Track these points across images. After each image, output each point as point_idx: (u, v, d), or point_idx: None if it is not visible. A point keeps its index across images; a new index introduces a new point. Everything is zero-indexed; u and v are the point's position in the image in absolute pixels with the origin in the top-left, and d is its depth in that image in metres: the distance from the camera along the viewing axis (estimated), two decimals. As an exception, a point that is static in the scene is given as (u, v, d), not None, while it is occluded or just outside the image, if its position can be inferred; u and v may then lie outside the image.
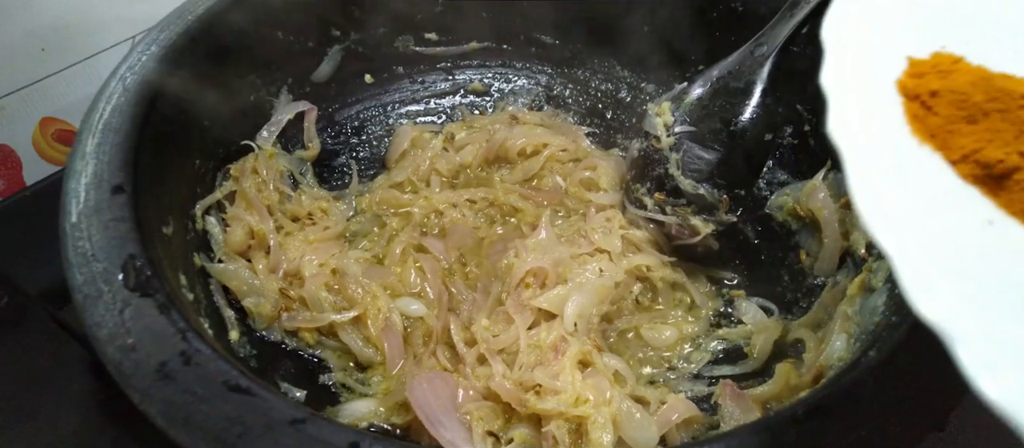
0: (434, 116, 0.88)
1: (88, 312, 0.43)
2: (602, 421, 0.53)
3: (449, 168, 0.79)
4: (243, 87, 0.72)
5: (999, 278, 0.28)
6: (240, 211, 0.66)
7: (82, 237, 0.46)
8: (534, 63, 0.89)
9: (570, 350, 0.57)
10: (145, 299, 0.44)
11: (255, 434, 0.39)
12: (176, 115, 0.59)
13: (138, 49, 0.58)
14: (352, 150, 0.83)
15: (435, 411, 0.54)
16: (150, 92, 0.56)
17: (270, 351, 0.62)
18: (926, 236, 0.28)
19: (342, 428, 0.40)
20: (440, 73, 0.88)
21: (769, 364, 0.61)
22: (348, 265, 0.66)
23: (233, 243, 0.64)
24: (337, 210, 0.73)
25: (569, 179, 0.77)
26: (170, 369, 0.41)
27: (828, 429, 0.40)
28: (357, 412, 0.58)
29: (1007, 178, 0.30)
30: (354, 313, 0.62)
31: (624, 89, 0.87)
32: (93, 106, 0.53)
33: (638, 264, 0.67)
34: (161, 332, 0.43)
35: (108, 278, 0.44)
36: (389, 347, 0.62)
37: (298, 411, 0.40)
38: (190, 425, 0.39)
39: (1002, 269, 0.28)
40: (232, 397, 0.40)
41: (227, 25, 0.66)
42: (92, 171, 0.49)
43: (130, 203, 0.48)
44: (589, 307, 0.62)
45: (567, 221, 0.73)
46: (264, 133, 0.74)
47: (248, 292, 0.62)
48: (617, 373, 0.59)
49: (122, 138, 0.51)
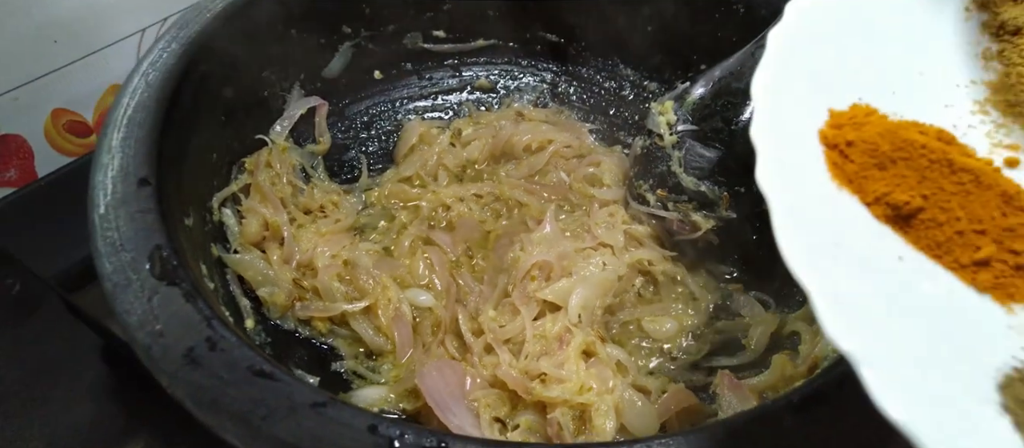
0: (441, 112, 0.89)
1: (118, 299, 0.44)
2: (605, 409, 0.55)
3: (456, 163, 0.81)
4: (257, 83, 0.73)
5: (907, 308, 0.30)
6: (255, 203, 0.67)
7: (110, 228, 0.48)
8: (539, 61, 0.90)
9: (574, 340, 0.59)
10: (172, 288, 0.46)
11: (279, 416, 0.40)
12: (196, 110, 0.61)
13: (159, 46, 0.60)
14: (362, 145, 0.85)
15: (444, 398, 0.56)
16: (171, 88, 0.57)
17: (284, 339, 0.64)
18: (842, 271, 0.31)
19: (361, 412, 0.41)
20: (447, 70, 0.89)
21: (766, 355, 0.62)
22: (359, 257, 0.68)
23: (248, 234, 0.66)
24: (347, 203, 0.75)
25: (573, 175, 0.79)
26: (197, 354, 0.43)
27: (821, 416, 0.42)
28: (368, 398, 0.60)
29: (913, 218, 0.34)
30: (365, 303, 0.64)
31: (627, 87, 0.89)
32: (117, 101, 0.55)
33: (640, 258, 0.69)
34: (187, 319, 0.44)
35: (136, 267, 0.46)
36: (399, 336, 0.64)
37: (319, 395, 0.42)
38: (217, 407, 0.41)
39: (910, 299, 0.31)
40: (256, 381, 0.42)
41: (244, 23, 0.67)
42: (118, 164, 0.51)
43: (155, 195, 0.50)
44: (592, 299, 0.64)
45: (571, 216, 0.75)
46: (277, 128, 0.75)
47: (263, 282, 0.64)
48: (619, 363, 0.60)
49: (146, 132, 0.53)
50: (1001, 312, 0.31)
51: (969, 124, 0.39)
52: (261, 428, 0.40)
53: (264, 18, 0.70)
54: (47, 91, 0.84)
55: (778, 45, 0.39)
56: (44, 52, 0.82)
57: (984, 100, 0.41)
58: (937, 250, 0.33)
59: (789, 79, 0.37)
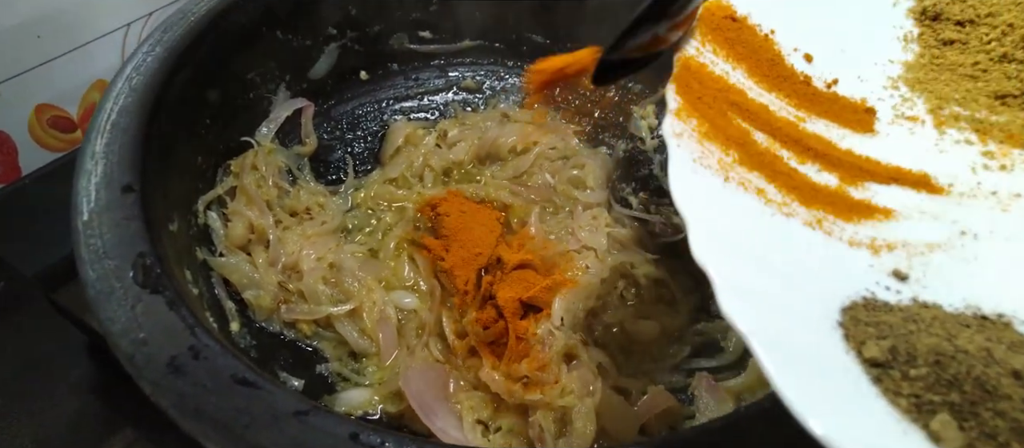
0: (427, 112, 0.90)
1: (101, 307, 0.45)
2: (585, 412, 0.56)
3: (442, 164, 0.81)
4: (243, 85, 0.73)
5: (779, 246, 0.35)
6: (241, 206, 0.68)
7: (94, 235, 0.48)
8: (525, 61, 0.91)
9: (556, 344, 0.60)
10: (155, 296, 0.46)
11: (261, 424, 0.41)
12: (180, 114, 0.61)
13: (143, 49, 0.60)
14: (348, 145, 0.85)
15: (428, 401, 0.57)
16: (155, 93, 0.57)
17: (269, 341, 0.64)
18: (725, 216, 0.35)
19: (343, 420, 0.42)
20: (433, 70, 0.90)
21: (744, 357, 0.63)
22: (344, 259, 0.68)
23: (234, 237, 0.66)
24: (333, 205, 0.75)
25: (558, 176, 0.79)
26: (180, 362, 0.43)
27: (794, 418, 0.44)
28: (353, 400, 0.61)
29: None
30: (350, 306, 0.65)
31: (612, 89, 0.89)
32: (101, 106, 0.55)
33: (623, 261, 0.70)
34: (171, 327, 0.45)
35: (120, 275, 0.46)
36: (383, 339, 0.64)
37: (301, 403, 0.42)
38: (200, 415, 0.41)
39: (787, 242, 0.35)
40: (239, 390, 0.42)
41: (228, 26, 0.67)
42: (102, 171, 0.51)
43: (139, 202, 0.50)
44: (575, 302, 0.64)
45: (555, 218, 0.75)
46: (263, 129, 0.76)
47: (248, 285, 0.64)
48: (600, 365, 0.61)
49: (130, 138, 0.53)
50: (866, 254, 0.35)
51: (879, 97, 0.44)
52: (244, 436, 0.40)
53: (249, 20, 0.70)
54: (31, 86, 0.83)
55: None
56: (28, 47, 0.81)
57: (897, 77, 0.45)
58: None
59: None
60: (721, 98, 0.41)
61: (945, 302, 0.33)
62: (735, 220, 0.35)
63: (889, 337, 0.30)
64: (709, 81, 0.42)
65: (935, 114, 0.43)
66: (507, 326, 0.62)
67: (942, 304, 0.33)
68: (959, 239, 0.36)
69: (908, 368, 0.28)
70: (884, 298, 0.33)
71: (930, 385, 0.28)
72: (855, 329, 0.31)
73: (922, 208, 0.38)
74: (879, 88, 0.45)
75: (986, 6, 0.45)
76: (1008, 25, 0.44)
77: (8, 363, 0.73)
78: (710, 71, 0.42)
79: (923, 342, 0.29)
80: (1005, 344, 0.30)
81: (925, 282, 0.34)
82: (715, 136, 0.38)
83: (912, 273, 0.34)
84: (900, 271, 0.34)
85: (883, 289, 0.33)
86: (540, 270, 0.67)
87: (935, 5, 0.47)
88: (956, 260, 0.35)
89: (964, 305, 0.33)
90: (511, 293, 0.64)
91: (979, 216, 0.37)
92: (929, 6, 0.47)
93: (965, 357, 0.29)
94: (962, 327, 0.31)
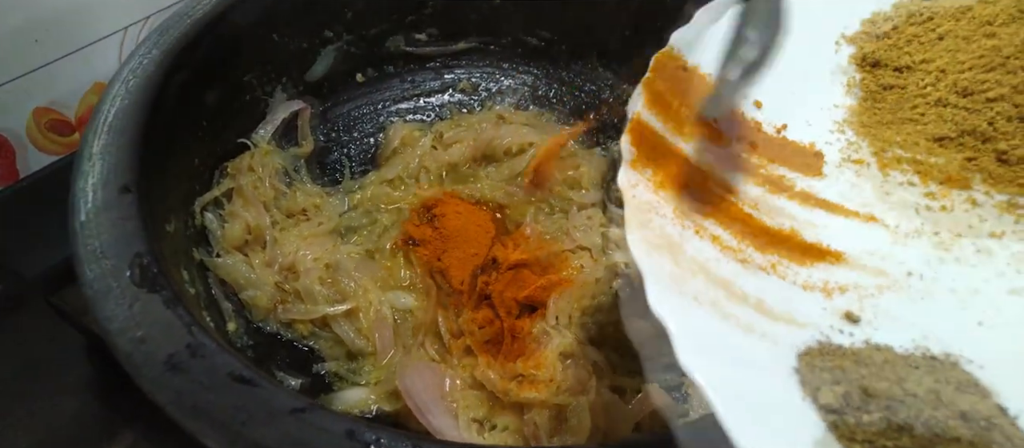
0: (424, 114, 0.90)
1: (99, 306, 0.45)
2: (581, 410, 0.56)
3: (438, 165, 0.82)
4: (240, 87, 0.74)
5: (736, 296, 0.35)
6: (238, 207, 0.68)
7: (92, 236, 0.48)
8: (521, 64, 0.91)
9: (552, 342, 0.61)
10: (152, 295, 0.46)
11: (258, 421, 0.41)
12: (177, 116, 0.62)
13: (140, 52, 0.60)
14: (344, 147, 0.85)
15: (424, 400, 0.57)
16: (153, 95, 0.58)
17: (266, 341, 0.65)
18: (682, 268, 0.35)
19: (339, 417, 0.42)
20: (430, 72, 0.90)
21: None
22: (341, 260, 0.68)
23: (231, 238, 0.66)
24: (330, 206, 0.76)
25: (553, 177, 0.80)
26: (178, 361, 0.44)
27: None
28: (350, 400, 0.61)
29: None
30: (347, 306, 0.65)
31: (607, 90, 0.90)
32: (98, 108, 0.55)
33: (617, 261, 0.70)
34: (168, 326, 0.45)
35: (117, 274, 0.47)
36: (380, 338, 0.64)
37: (298, 401, 0.43)
38: (198, 413, 0.41)
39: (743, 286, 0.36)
40: (236, 387, 0.43)
41: (225, 28, 0.68)
42: (99, 172, 0.51)
43: (136, 203, 0.50)
44: (571, 301, 0.65)
45: (550, 218, 0.76)
46: (260, 131, 0.76)
47: (246, 285, 0.64)
48: (596, 364, 0.61)
49: (127, 139, 0.54)
50: (820, 297, 0.36)
51: (826, 141, 0.46)
52: (241, 433, 0.41)
53: (246, 22, 0.70)
54: (29, 90, 0.84)
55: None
56: (26, 50, 0.82)
57: (842, 121, 0.47)
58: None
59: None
60: (675, 148, 0.42)
61: (896, 343, 0.34)
62: (691, 269, 0.35)
63: (842, 383, 0.30)
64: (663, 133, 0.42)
65: (879, 156, 0.44)
66: (503, 325, 0.63)
67: (893, 345, 0.33)
68: (906, 279, 0.37)
69: (861, 414, 0.29)
70: (838, 341, 0.34)
71: (882, 430, 0.28)
72: (811, 375, 0.31)
73: (871, 249, 0.39)
74: (826, 132, 0.46)
75: (920, 53, 0.47)
76: (941, 70, 0.45)
77: (8, 364, 0.74)
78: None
79: (874, 387, 0.30)
80: (953, 385, 0.30)
81: (876, 323, 0.35)
82: (670, 185, 0.39)
83: (863, 315, 0.35)
84: (852, 313, 0.35)
85: (837, 332, 0.34)
86: (536, 270, 0.68)
87: (874, 52, 0.48)
88: (904, 301, 0.36)
89: (913, 346, 0.33)
90: (507, 293, 0.65)
91: (924, 256, 0.38)
92: (868, 53, 0.49)
93: (914, 401, 0.29)
94: (911, 369, 0.31)
